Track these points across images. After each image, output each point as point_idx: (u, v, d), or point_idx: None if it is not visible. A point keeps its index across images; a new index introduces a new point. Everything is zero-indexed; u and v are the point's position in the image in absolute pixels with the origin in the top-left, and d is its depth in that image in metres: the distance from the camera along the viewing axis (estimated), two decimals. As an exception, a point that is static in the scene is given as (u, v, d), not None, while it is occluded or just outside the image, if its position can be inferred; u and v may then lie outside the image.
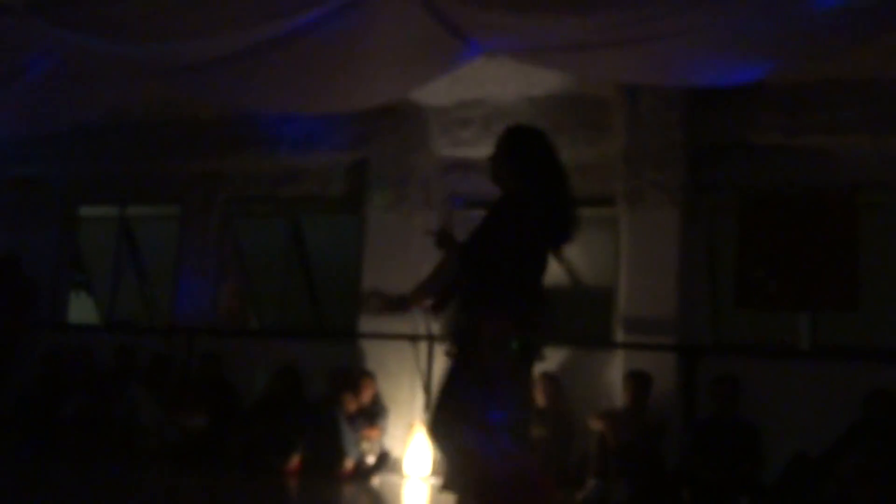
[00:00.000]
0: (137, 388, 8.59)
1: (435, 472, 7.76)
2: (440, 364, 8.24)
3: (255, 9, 6.00)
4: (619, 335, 7.77)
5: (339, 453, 7.49)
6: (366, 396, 7.99)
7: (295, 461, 7.54)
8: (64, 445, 8.33)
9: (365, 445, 7.67)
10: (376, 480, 7.54)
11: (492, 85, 8.06)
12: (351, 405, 7.79)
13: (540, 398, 7.62)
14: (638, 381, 7.13)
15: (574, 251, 8.88)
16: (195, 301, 9.67)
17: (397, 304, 4.27)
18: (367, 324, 8.31)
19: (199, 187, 9.79)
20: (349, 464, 7.50)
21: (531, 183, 4.00)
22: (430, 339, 8.39)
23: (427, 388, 8.26)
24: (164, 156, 9.80)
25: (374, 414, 7.87)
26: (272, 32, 6.14)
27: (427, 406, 8.22)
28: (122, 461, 7.90)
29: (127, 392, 8.58)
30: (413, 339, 8.30)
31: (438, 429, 4.00)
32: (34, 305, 9.57)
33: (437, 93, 8.09)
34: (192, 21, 6.19)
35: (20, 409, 9.00)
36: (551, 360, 7.81)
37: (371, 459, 7.68)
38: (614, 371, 7.70)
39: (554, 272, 8.90)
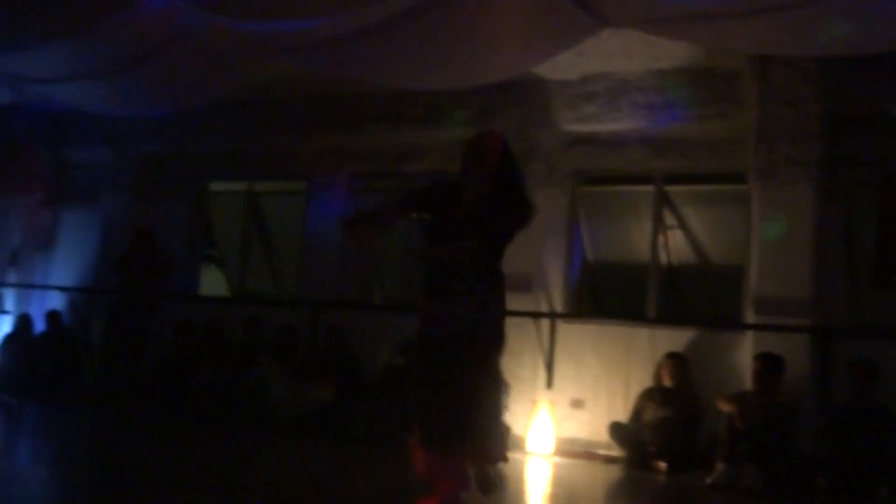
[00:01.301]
0: (266, 359, 8.82)
1: (558, 451, 7.73)
2: (562, 342, 8.23)
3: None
4: (750, 316, 7.53)
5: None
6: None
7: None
8: (198, 413, 8.65)
9: (486, 422, 7.66)
10: (498, 457, 7.53)
11: (617, 58, 7.87)
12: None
13: (666, 379, 7.49)
14: (769, 364, 6.89)
15: (703, 228, 8.73)
16: (320, 274, 9.84)
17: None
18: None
19: (325, 163, 9.94)
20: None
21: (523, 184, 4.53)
22: (553, 317, 8.34)
23: (549, 366, 8.22)
24: (290, 132, 9.98)
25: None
26: (397, 9, 6.13)
27: (549, 384, 8.20)
28: (252, 430, 8.14)
29: (256, 363, 8.83)
30: (535, 316, 8.26)
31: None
32: (169, 278, 9.88)
33: (560, 67, 7.96)
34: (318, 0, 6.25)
35: (157, 377, 9.38)
36: (678, 340, 7.74)
37: (493, 436, 7.67)
38: (744, 353, 7.48)
39: (682, 251, 8.74)
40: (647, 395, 7.57)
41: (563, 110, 8.45)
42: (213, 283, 11.50)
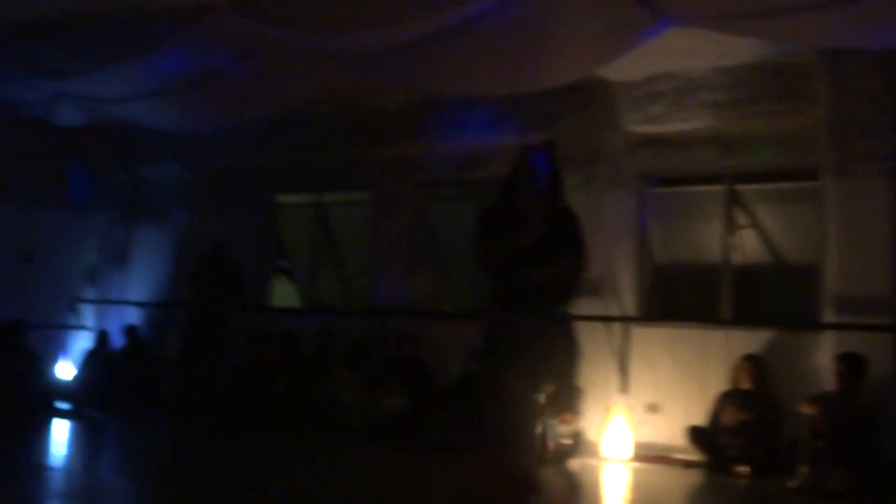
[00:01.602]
0: (340, 369, 8.91)
1: (635, 456, 7.64)
2: (635, 346, 8.14)
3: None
4: (828, 315, 7.36)
5: (535, 436, 7.48)
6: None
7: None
8: (273, 423, 8.75)
9: (561, 428, 7.61)
10: (573, 463, 7.49)
11: (683, 57, 7.75)
12: (547, 387, 7.75)
13: (744, 381, 7.37)
14: (850, 364, 6.72)
15: (776, 227, 8.55)
16: (389, 284, 9.89)
17: None
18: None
19: (391, 172, 9.99)
20: (548, 446, 7.47)
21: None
22: (625, 320, 8.25)
23: (623, 370, 8.13)
24: (356, 142, 10.04)
25: (569, 396, 7.79)
26: (459, 16, 6.14)
27: (622, 388, 8.13)
28: (328, 439, 8.21)
29: (330, 373, 8.91)
30: (606, 320, 8.18)
31: None
32: (241, 290, 10.02)
33: (625, 67, 7.88)
34: (381, 9, 6.29)
35: (233, 388, 9.52)
36: (754, 341, 7.60)
37: (567, 442, 7.62)
38: (823, 353, 7.30)
39: (755, 251, 8.58)
40: (725, 399, 7.44)
41: (628, 112, 8.37)
42: (284, 294, 11.64)
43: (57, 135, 10.85)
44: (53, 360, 10.96)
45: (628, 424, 7.80)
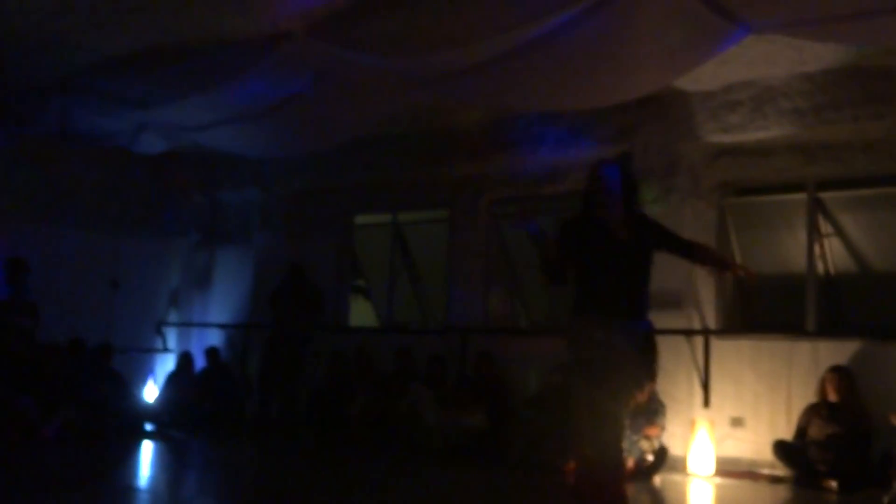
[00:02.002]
0: (419, 387, 8.93)
1: (720, 471, 7.50)
2: (717, 359, 8.00)
3: (514, 12, 6.04)
4: (919, 324, 7.15)
5: (618, 452, 7.39)
6: (643, 394, 7.82)
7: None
8: (353, 441, 8.81)
9: (644, 444, 7.52)
10: (657, 479, 7.38)
11: (761, 64, 7.64)
12: (632, 401, 7.66)
13: (832, 393, 7.20)
14: (945, 374, 6.52)
15: (862, 235, 8.35)
16: (466, 301, 9.90)
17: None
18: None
19: (466, 191, 10.02)
20: (629, 462, 7.38)
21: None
22: (706, 333, 8.12)
23: (705, 385, 8.00)
24: (431, 162, 10.10)
25: (652, 411, 7.69)
26: (533, 33, 6.14)
27: (706, 403, 7.99)
28: (407, 458, 8.23)
29: (408, 391, 8.94)
30: (688, 333, 8.07)
31: None
32: (320, 310, 10.13)
33: (702, 77, 7.80)
34: (457, 29, 6.33)
35: (313, 406, 9.62)
36: (841, 352, 7.41)
37: (650, 458, 7.52)
38: (915, 364, 7.10)
39: (841, 260, 8.37)
40: (813, 411, 7.28)
41: (706, 122, 8.26)
42: (361, 314, 11.73)
43: (138, 163, 11.18)
44: (139, 383, 11.23)
45: (711, 439, 7.66)
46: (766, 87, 7.95)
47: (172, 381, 10.91)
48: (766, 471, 7.48)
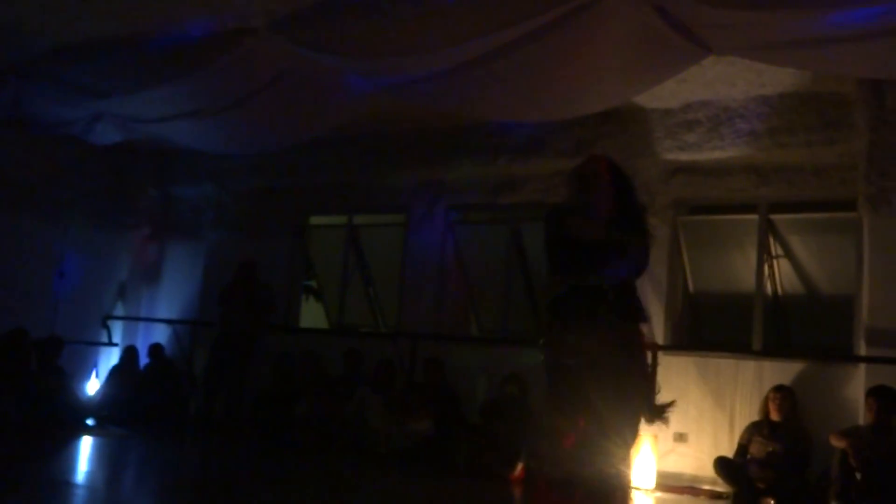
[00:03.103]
0: (366, 391, 8.89)
1: (661, 486, 7.56)
2: (664, 375, 8.02)
3: (478, 21, 6.05)
4: (862, 348, 7.27)
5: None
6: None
7: (520, 469, 7.53)
8: (298, 445, 8.73)
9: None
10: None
11: (720, 85, 7.76)
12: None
13: (774, 412, 7.29)
14: (884, 398, 6.63)
15: (811, 258, 8.47)
16: (418, 307, 9.88)
17: None
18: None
19: (423, 196, 10.01)
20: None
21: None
22: (655, 349, 8.18)
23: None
24: (389, 165, 10.09)
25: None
26: (497, 42, 6.16)
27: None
28: (352, 461, 8.18)
29: (356, 395, 8.90)
30: (637, 348, 8.12)
31: None
32: (271, 310, 10.03)
33: (661, 95, 7.89)
34: (419, 36, 6.34)
35: (258, 409, 9.52)
36: (786, 372, 7.52)
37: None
38: (856, 386, 7.23)
39: (789, 281, 8.48)
40: (755, 429, 7.36)
41: (663, 139, 8.36)
42: (312, 315, 11.66)
43: (91, 153, 10.98)
44: (82, 377, 11.03)
45: (655, 454, 7.72)
46: (724, 108, 8.06)
47: (115, 375, 10.74)
48: (707, 487, 7.54)
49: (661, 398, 4.05)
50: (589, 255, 4.11)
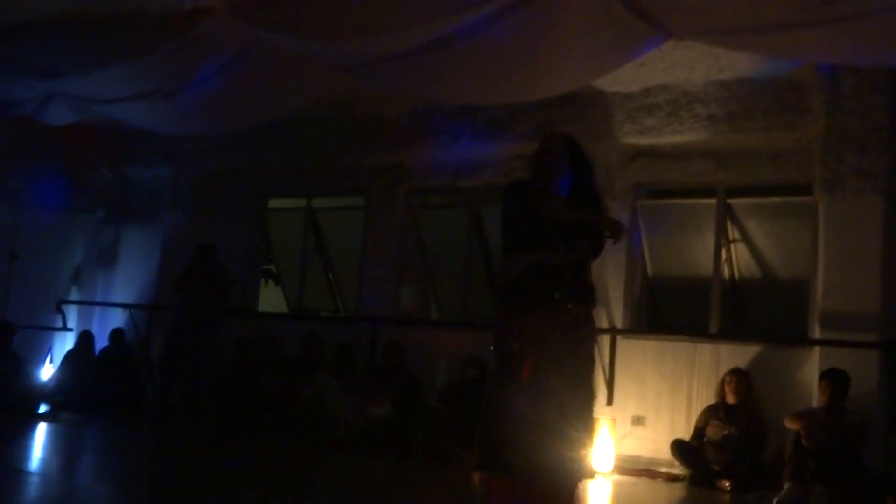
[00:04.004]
0: (324, 375, 8.84)
1: (619, 469, 7.61)
2: (622, 358, 8.13)
3: (438, 3, 6.01)
4: (816, 331, 7.37)
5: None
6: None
7: (476, 453, 7.51)
8: (256, 429, 8.67)
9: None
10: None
11: (679, 69, 7.79)
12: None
13: (730, 395, 7.37)
14: (836, 381, 6.74)
15: (768, 242, 8.56)
16: (378, 291, 9.85)
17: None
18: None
19: (383, 179, 9.96)
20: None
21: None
22: (613, 332, 8.23)
23: (609, 382, 8.12)
24: (349, 149, 10.01)
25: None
26: (456, 25, 6.12)
27: (609, 401, 8.11)
28: (311, 446, 8.15)
29: (314, 379, 8.85)
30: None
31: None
32: (229, 294, 9.94)
33: (621, 79, 7.90)
34: (378, 17, 6.28)
35: (216, 393, 9.43)
36: (742, 355, 7.60)
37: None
38: (810, 369, 7.33)
39: (746, 265, 8.55)
40: (711, 412, 7.45)
41: (623, 123, 8.38)
42: (271, 299, 11.57)
43: (44, 134, 10.75)
44: (36, 363, 10.84)
45: (613, 437, 7.77)
46: (683, 92, 8.09)
47: (70, 361, 10.57)
48: (664, 469, 7.62)
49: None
50: (552, 232, 4.02)
